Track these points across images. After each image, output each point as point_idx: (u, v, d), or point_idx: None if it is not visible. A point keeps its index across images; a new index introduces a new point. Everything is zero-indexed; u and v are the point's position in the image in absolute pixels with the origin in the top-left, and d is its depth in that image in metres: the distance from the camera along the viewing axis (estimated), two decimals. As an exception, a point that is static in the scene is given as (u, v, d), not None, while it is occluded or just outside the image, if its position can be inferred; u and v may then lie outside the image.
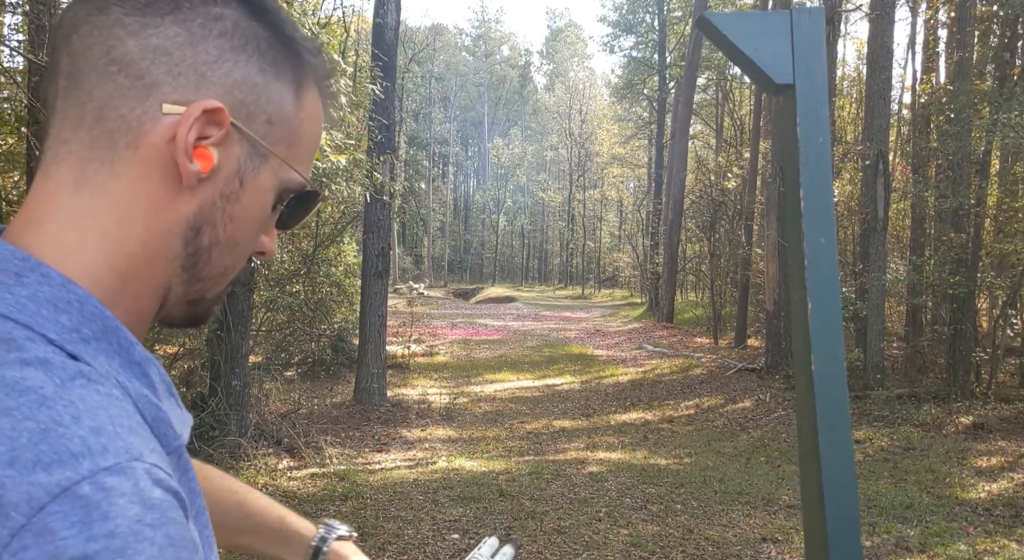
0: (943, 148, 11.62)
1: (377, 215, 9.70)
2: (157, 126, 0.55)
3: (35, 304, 0.51)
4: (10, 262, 0.52)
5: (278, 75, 0.60)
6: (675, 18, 31.52)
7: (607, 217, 50.54)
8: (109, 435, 0.47)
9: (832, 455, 0.80)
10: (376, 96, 8.66)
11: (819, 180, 0.83)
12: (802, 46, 0.84)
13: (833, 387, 0.80)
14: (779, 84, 0.85)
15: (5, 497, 0.42)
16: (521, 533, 5.24)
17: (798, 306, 0.83)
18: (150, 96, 0.55)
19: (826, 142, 0.84)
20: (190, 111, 0.55)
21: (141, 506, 0.45)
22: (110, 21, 0.55)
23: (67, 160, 0.56)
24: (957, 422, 8.82)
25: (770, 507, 6.02)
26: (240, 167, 0.59)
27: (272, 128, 0.60)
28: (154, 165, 0.56)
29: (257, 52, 0.58)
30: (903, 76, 20.72)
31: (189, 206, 0.58)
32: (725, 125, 27.78)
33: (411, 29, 49.70)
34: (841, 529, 0.78)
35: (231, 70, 0.57)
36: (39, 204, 0.56)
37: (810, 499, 0.82)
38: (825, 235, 0.82)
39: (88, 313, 0.53)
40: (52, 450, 0.44)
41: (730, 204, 19.09)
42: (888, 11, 11.41)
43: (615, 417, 10.27)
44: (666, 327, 21.51)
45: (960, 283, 10.23)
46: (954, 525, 5.60)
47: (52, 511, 0.43)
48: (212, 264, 0.61)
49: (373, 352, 9.85)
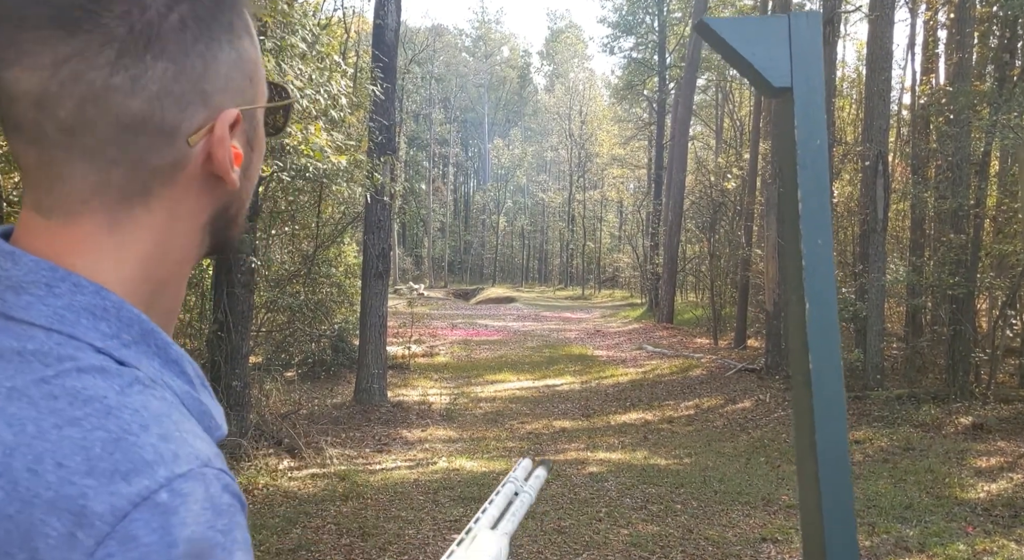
0: (943, 149, 11.63)
1: (378, 216, 9.71)
2: (190, 158, 0.55)
3: (73, 314, 0.51)
4: (37, 273, 0.52)
5: (236, 34, 0.58)
6: (675, 19, 31.54)
7: (607, 218, 50.55)
8: (177, 441, 0.48)
9: (828, 451, 0.81)
10: (377, 97, 8.67)
11: (816, 182, 0.85)
12: (800, 50, 0.85)
13: (829, 385, 0.82)
14: (777, 87, 0.86)
15: (88, 506, 0.44)
16: (521, 533, 5.25)
17: (795, 306, 0.84)
18: (175, 139, 0.54)
19: (823, 144, 0.85)
20: (219, 133, 0.55)
21: (213, 512, 0.47)
22: (98, 89, 0.51)
23: (95, 213, 0.54)
24: (956, 422, 8.83)
25: (770, 507, 6.03)
26: (248, 137, 0.61)
27: (253, 84, 0.60)
28: (189, 185, 0.56)
29: (221, 29, 0.56)
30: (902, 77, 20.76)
31: (223, 197, 0.59)
32: (725, 126, 27.81)
33: (411, 30, 49.75)
34: (838, 523, 0.80)
35: (217, 69, 0.56)
36: (62, 244, 0.54)
37: (807, 494, 0.83)
38: (822, 237, 0.84)
39: (125, 318, 0.53)
40: (127, 459, 0.46)
41: (730, 205, 19.11)
42: (888, 12, 11.42)
43: (615, 417, 10.28)
44: (666, 327, 21.53)
45: (959, 284, 10.24)
46: (953, 525, 5.61)
47: (134, 519, 0.44)
48: (239, 220, 0.63)
49: (374, 353, 9.86)
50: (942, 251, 11.05)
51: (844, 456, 0.82)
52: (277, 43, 5.52)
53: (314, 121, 5.76)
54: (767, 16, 0.89)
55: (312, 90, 5.86)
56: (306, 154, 5.34)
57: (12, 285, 0.51)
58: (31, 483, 0.44)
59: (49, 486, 0.44)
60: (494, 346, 18.21)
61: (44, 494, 0.44)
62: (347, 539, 5.14)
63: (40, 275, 0.52)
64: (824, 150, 0.85)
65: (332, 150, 5.91)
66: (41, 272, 0.52)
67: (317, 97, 5.98)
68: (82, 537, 0.44)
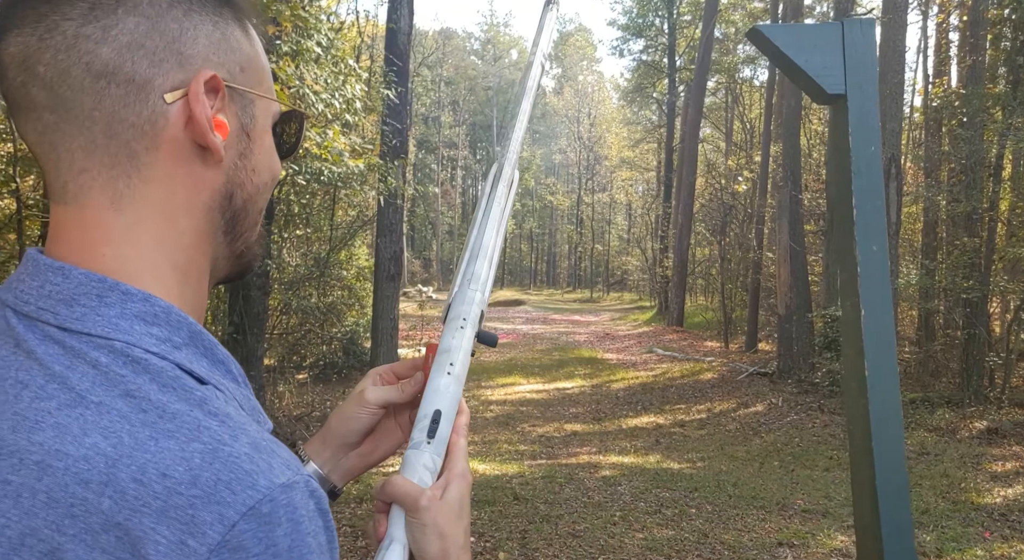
0: (955, 152, 11.57)
1: (390, 219, 9.74)
2: (169, 118, 0.56)
3: (126, 322, 0.53)
4: (87, 285, 0.54)
5: (225, 21, 0.60)
6: (685, 21, 31.50)
7: (616, 220, 50.50)
8: (266, 451, 0.50)
9: (885, 458, 0.81)
10: (391, 101, 8.70)
11: (870, 188, 0.85)
12: (853, 57, 0.85)
13: (886, 392, 0.82)
14: (831, 94, 0.86)
15: (197, 516, 0.46)
16: (537, 537, 5.25)
17: (850, 313, 0.84)
18: (149, 94, 0.55)
19: (877, 151, 0.85)
20: (194, 89, 0.56)
21: (308, 520, 0.49)
22: (69, 38, 0.53)
23: (94, 186, 0.55)
24: (971, 427, 8.78)
25: (785, 511, 6.01)
26: (241, 123, 0.61)
27: (245, 73, 0.61)
28: (178, 155, 0.57)
29: (203, 8, 0.58)
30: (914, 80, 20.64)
31: (218, 178, 0.60)
32: (735, 128, 27.76)
33: (420, 33, 49.86)
34: (895, 531, 0.80)
35: (196, 37, 0.57)
36: (84, 233, 0.55)
37: (862, 502, 0.83)
38: (877, 243, 0.84)
39: (174, 322, 0.55)
40: (227, 469, 0.48)
41: (740, 208, 19.06)
42: (900, 14, 11.39)
43: (626, 421, 10.27)
44: (676, 331, 21.47)
45: (973, 287, 10.18)
46: (970, 530, 5.58)
47: (242, 529, 0.46)
48: (249, 217, 0.64)
49: (386, 355, 9.89)
50: (955, 255, 10.99)
51: (900, 462, 0.82)
52: (294, 47, 5.55)
53: (331, 124, 5.78)
54: (820, 23, 0.89)
55: (328, 94, 5.88)
56: (324, 157, 5.36)
57: (64, 299, 0.53)
58: (139, 493, 0.46)
59: (157, 496, 0.46)
60: (503, 349, 18.21)
61: (153, 504, 0.46)
62: (363, 541, 5.15)
63: (90, 287, 0.53)
64: (878, 157, 0.85)
65: (349, 154, 5.93)
66: (91, 284, 0.53)
67: (332, 101, 6.01)
68: (194, 545, 0.45)
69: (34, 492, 0.47)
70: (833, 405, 10.20)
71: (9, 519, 0.47)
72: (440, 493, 0.70)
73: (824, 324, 12.00)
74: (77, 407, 0.49)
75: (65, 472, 0.47)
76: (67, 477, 0.47)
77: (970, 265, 10.51)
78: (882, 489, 0.81)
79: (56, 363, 0.51)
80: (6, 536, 0.47)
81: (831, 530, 5.51)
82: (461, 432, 0.78)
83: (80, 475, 0.47)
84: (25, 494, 0.47)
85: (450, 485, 0.72)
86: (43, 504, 0.46)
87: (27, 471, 0.47)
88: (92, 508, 0.46)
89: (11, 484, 0.47)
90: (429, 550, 0.67)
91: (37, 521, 0.46)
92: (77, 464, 0.47)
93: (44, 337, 0.52)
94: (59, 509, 0.46)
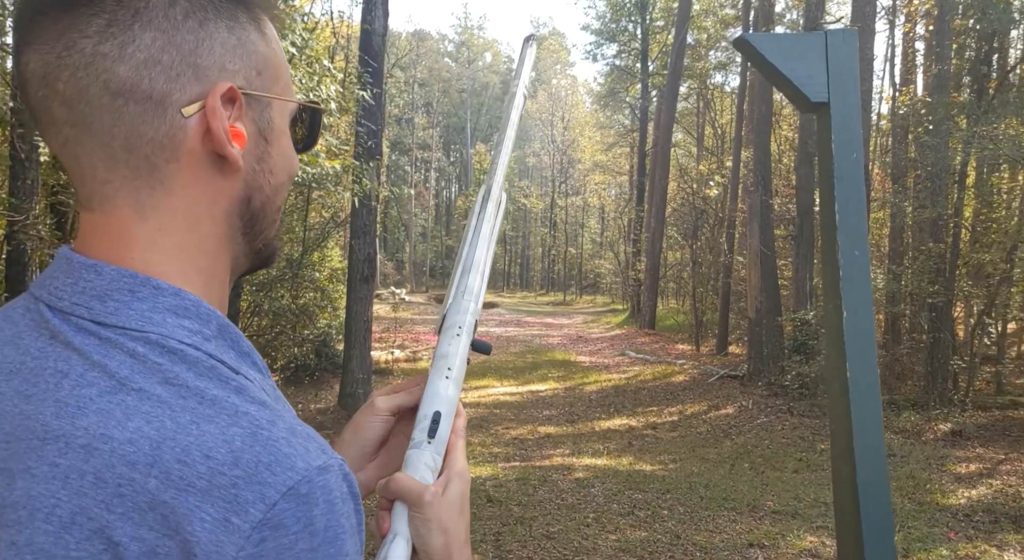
0: (921, 159, 11.80)
1: (364, 220, 9.69)
2: (187, 132, 0.57)
3: (159, 315, 0.55)
4: (119, 281, 0.55)
5: (240, 24, 0.60)
6: (657, 27, 31.76)
7: (589, 224, 50.70)
8: (302, 435, 0.53)
9: (866, 457, 0.83)
10: (366, 102, 8.66)
11: (852, 194, 0.87)
12: (836, 66, 0.88)
13: (867, 393, 0.84)
14: (814, 102, 0.88)
15: (240, 495, 0.48)
16: (511, 538, 5.25)
17: (833, 315, 0.87)
18: (167, 110, 0.56)
19: (859, 158, 0.88)
20: (211, 103, 0.57)
21: (341, 501, 0.52)
22: (87, 56, 0.54)
23: (118, 196, 0.57)
24: (936, 429, 8.96)
25: (756, 513, 6.08)
26: (258, 127, 0.62)
27: (262, 76, 0.62)
28: (197, 165, 0.58)
29: (218, 14, 0.59)
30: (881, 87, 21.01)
31: (236, 184, 0.61)
32: (707, 134, 28.03)
33: (394, 34, 49.68)
34: (876, 529, 0.82)
35: (211, 47, 0.58)
36: (111, 238, 0.57)
37: (844, 500, 0.85)
38: (859, 247, 0.86)
39: (204, 315, 0.57)
40: (267, 451, 0.50)
41: (712, 212, 19.26)
42: (868, 23, 11.61)
43: (599, 423, 10.31)
44: (648, 333, 21.62)
45: (938, 292, 10.39)
46: (935, 530, 5.69)
47: (282, 508, 0.49)
48: (267, 217, 0.65)
49: (358, 357, 9.83)
50: (921, 260, 11.21)
51: (881, 462, 0.84)
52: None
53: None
54: (804, 33, 0.92)
55: (302, 94, 5.85)
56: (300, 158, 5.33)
57: (98, 294, 0.55)
58: (183, 473, 0.48)
59: (201, 476, 0.48)
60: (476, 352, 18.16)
61: (197, 483, 0.48)
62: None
63: (122, 282, 0.55)
64: (860, 163, 0.87)
65: (325, 154, 5.89)
66: (123, 280, 0.55)
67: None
68: (237, 522, 0.48)
69: (82, 473, 0.49)
70: (802, 408, 10.34)
71: (59, 499, 0.49)
72: (442, 490, 0.72)
73: (794, 328, 12.17)
74: (118, 393, 0.51)
75: (111, 454, 0.49)
76: (113, 458, 0.49)
77: (935, 270, 10.72)
78: (863, 486, 0.83)
79: (94, 352, 0.52)
80: (57, 515, 0.49)
81: (801, 531, 5.59)
82: (460, 433, 0.80)
83: (126, 457, 0.49)
84: (73, 475, 0.49)
85: (451, 482, 0.73)
86: (91, 484, 0.48)
87: (74, 454, 0.49)
88: (139, 488, 0.48)
89: (59, 466, 0.49)
90: (433, 544, 0.69)
91: (86, 501, 0.48)
92: (123, 447, 0.49)
93: (80, 329, 0.54)
94: (107, 489, 0.48)
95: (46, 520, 0.49)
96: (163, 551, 0.47)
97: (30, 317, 0.56)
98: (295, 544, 0.49)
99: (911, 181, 12.89)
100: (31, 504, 0.49)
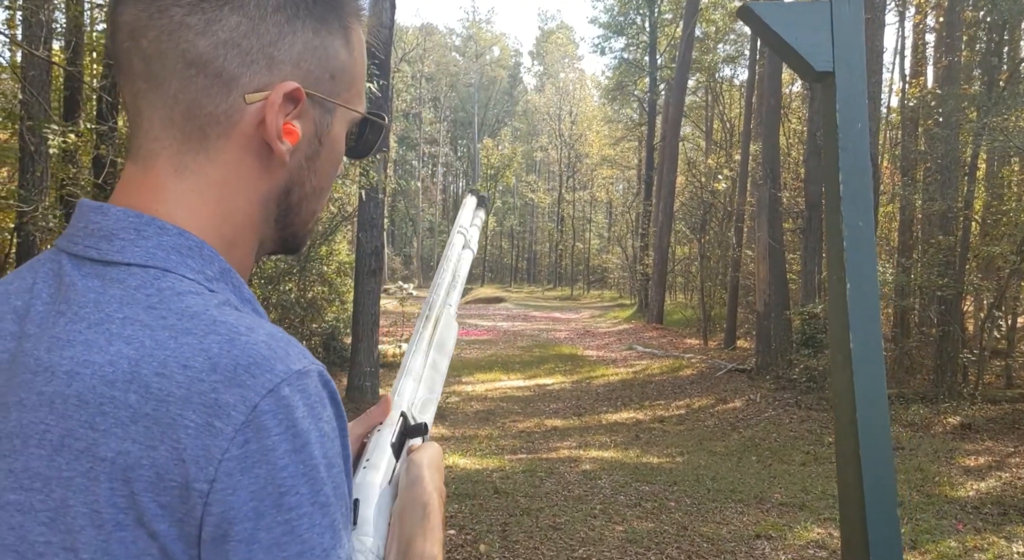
0: (931, 151, 11.73)
1: (371, 213, 9.69)
2: (244, 115, 0.59)
3: (163, 252, 0.56)
4: (124, 221, 0.57)
5: (329, 29, 0.63)
6: (666, 20, 31.63)
7: (596, 218, 50.62)
8: (282, 341, 0.54)
9: (870, 430, 0.82)
10: (373, 94, 8.65)
11: (857, 164, 0.86)
12: (842, 35, 0.87)
13: (871, 364, 0.83)
14: (819, 71, 0.87)
15: (220, 399, 0.49)
16: (517, 529, 5.26)
17: (836, 286, 0.86)
18: (232, 90, 0.59)
19: (864, 128, 0.87)
20: (273, 98, 0.59)
21: (320, 404, 0.53)
22: (175, 23, 0.57)
23: (163, 154, 0.59)
24: (945, 422, 8.91)
25: (763, 505, 6.07)
26: (316, 128, 0.64)
27: (335, 82, 0.64)
28: (246, 148, 0.60)
29: (308, 14, 0.61)
30: (891, 80, 20.88)
31: (280, 174, 0.63)
32: (715, 127, 27.93)
33: (401, 28, 49.66)
34: (879, 501, 0.81)
35: (292, 43, 0.60)
36: (143, 191, 0.59)
37: (847, 472, 0.84)
38: (863, 218, 0.85)
39: (207, 256, 0.58)
40: (245, 355, 0.51)
41: (720, 206, 19.19)
42: (879, 14, 11.52)
43: (606, 416, 10.31)
44: (656, 328, 21.59)
45: (947, 285, 10.33)
46: (944, 522, 5.67)
47: (264, 410, 0.49)
48: (303, 213, 0.67)
49: (366, 350, 9.84)
50: (930, 253, 11.15)
51: (886, 435, 0.83)
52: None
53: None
54: (809, 2, 0.91)
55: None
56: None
57: (104, 234, 0.57)
58: (162, 384, 0.50)
59: (180, 385, 0.50)
60: (484, 346, 18.20)
61: (176, 392, 0.49)
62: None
63: (128, 222, 0.57)
64: (865, 133, 0.86)
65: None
66: (128, 219, 0.57)
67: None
68: (220, 426, 0.49)
69: (65, 397, 0.51)
70: (810, 401, 10.31)
71: (48, 425, 0.51)
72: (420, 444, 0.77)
73: (802, 321, 12.12)
74: (104, 323, 0.53)
75: (92, 376, 0.51)
76: (94, 380, 0.51)
77: (945, 263, 10.66)
78: (867, 462, 0.82)
79: (91, 292, 0.55)
80: (48, 440, 0.51)
81: (808, 522, 5.57)
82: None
83: (106, 377, 0.51)
84: (58, 401, 0.51)
85: (428, 444, 0.77)
86: (74, 406, 0.51)
87: (58, 381, 0.52)
88: (119, 404, 0.50)
89: (44, 394, 0.52)
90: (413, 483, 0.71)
91: (71, 423, 0.51)
92: (103, 369, 0.51)
93: (87, 274, 0.56)
94: (89, 409, 0.50)
95: (38, 445, 0.51)
96: (148, 462, 0.49)
97: (49, 266, 0.59)
98: (278, 446, 0.49)
99: (921, 174, 12.81)
100: (23, 432, 0.52)
